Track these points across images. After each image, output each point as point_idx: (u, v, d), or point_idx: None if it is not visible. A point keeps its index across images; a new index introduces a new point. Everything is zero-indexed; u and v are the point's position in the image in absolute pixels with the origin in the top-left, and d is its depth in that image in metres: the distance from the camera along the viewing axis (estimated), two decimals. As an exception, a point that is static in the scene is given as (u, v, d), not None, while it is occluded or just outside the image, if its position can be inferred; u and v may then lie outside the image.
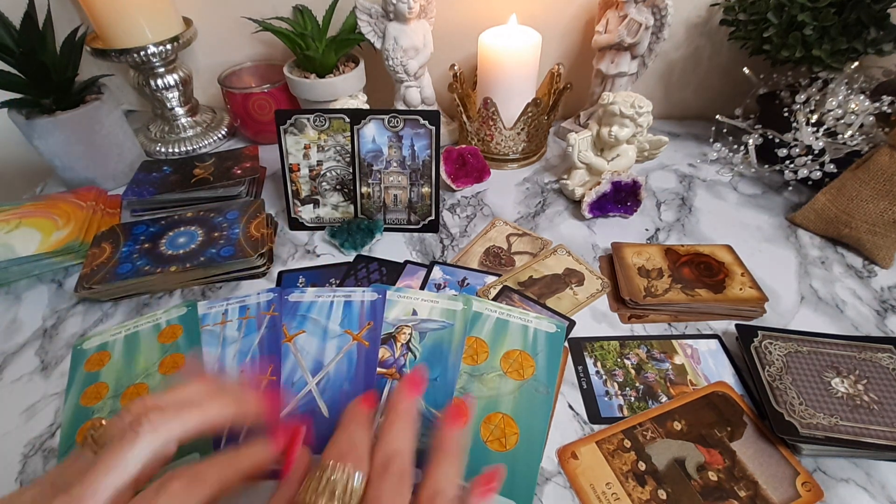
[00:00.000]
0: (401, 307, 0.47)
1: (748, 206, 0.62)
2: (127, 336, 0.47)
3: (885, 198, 0.51)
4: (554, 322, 0.45)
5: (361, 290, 0.49)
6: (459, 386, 0.42)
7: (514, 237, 0.59)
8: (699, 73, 0.76)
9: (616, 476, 0.37)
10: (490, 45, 0.63)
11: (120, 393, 0.43)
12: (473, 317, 0.46)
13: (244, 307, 0.48)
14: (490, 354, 0.44)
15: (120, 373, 0.44)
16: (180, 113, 0.77)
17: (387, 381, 0.42)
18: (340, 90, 0.68)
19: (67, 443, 0.40)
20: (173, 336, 0.46)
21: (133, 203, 0.64)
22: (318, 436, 0.38)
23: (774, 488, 0.36)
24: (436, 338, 0.45)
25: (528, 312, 0.47)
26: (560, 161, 0.72)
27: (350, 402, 0.34)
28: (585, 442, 0.39)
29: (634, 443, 0.39)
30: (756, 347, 0.43)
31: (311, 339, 0.45)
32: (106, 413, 0.42)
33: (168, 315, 0.48)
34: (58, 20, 0.62)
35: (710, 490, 0.36)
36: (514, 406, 0.40)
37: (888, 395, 0.39)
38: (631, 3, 0.61)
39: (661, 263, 0.53)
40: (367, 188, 0.59)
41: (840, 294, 0.51)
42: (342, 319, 0.47)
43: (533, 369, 0.42)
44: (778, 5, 0.58)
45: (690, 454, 0.38)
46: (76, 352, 0.46)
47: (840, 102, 0.57)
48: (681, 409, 0.41)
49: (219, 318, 0.48)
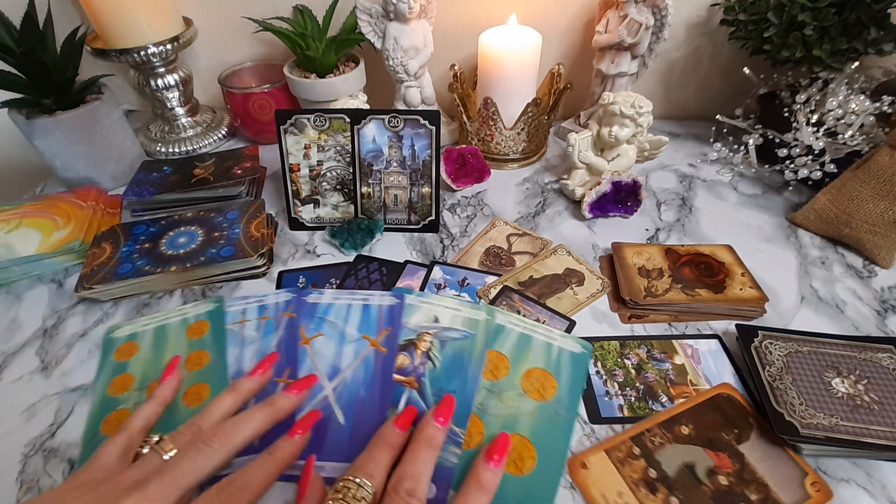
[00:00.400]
0: (423, 313, 0.46)
1: (748, 206, 0.62)
2: (156, 328, 0.47)
3: (886, 198, 0.51)
4: (579, 342, 0.44)
5: (380, 294, 0.48)
6: (478, 402, 0.40)
7: (515, 237, 0.59)
8: (699, 73, 0.76)
9: (627, 485, 0.36)
10: (490, 45, 0.63)
11: (145, 386, 0.43)
12: (496, 329, 0.44)
13: (262, 307, 0.48)
14: (511, 371, 0.42)
15: (147, 365, 0.45)
16: (180, 113, 0.77)
17: (404, 390, 0.41)
18: (340, 90, 0.68)
19: (92, 431, 0.41)
20: (200, 332, 0.47)
21: (133, 203, 0.64)
22: (333, 442, 0.38)
23: (784, 490, 0.36)
24: (456, 348, 0.44)
25: (554, 330, 0.45)
26: (560, 161, 0.72)
27: (385, 422, 0.37)
28: (594, 451, 0.38)
29: (643, 449, 0.38)
30: (756, 347, 0.43)
31: (328, 343, 0.45)
32: (131, 405, 0.42)
33: (197, 310, 0.49)
34: (58, 20, 0.62)
35: (722, 495, 0.36)
36: (532, 428, 0.39)
37: (888, 395, 0.39)
38: (631, 3, 0.61)
39: (661, 263, 0.53)
40: (367, 188, 0.59)
41: (840, 294, 0.51)
42: (360, 324, 0.46)
43: (555, 390, 0.41)
44: (778, 5, 0.58)
45: (700, 459, 0.38)
46: (107, 340, 0.47)
47: (840, 102, 0.57)
48: (687, 413, 0.41)
49: (237, 318, 0.48)
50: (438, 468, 0.36)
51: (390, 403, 0.41)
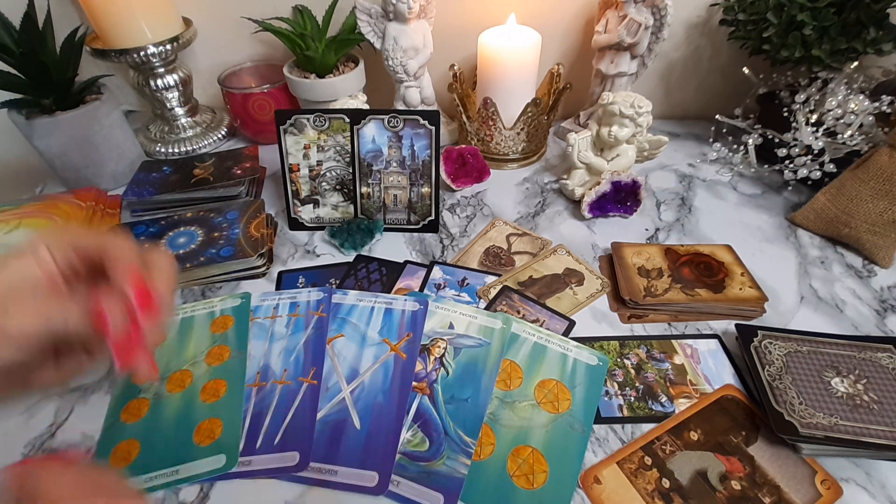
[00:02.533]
0: (438, 318, 0.46)
1: (748, 206, 0.62)
2: (183, 319, 0.48)
3: (885, 197, 0.51)
4: (596, 354, 0.43)
5: (403, 299, 0.48)
6: (490, 411, 0.40)
7: (514, 237, 0.59)
8: (699, 73, 0.76)
9: (642, 498, 0.36)
10: (490, 45, 0.63)
11: (167, 377, 0.44)
12: (510, 338, 0.44)
13: (294, 304, 0.49)
14: (524, 381, 0.42)
15: (170, 356, 0.45)
16: (180, 113, 0.77)
17: (416, 396, 0.41)
18: (340, 90, 0.68)
19: (112, 417, 0.42)
20: (224, 327, 0.47)
21: (133, 203, 0.64)
22: (349, 447, 0.38)
23: (796, 490, 0.36)
24: (471, 355, 0.43)
25: (569, 341, 0.44)
26: (560, 161, 0.72)
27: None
28: (606, 464, 0.38)
29: (655, 459, 0.38)
30: (756, 347, 0.43)
31: (349, 345, 0.45)
32: (150, 395, 0.43)
33: (223, 304, 0.49)
34: (58, 20, 0.62)
35: (736, 500, 0.36)
36: (545, 441, 0.38)
37: (888, 394, 0.39)
38: (630, 3, 0.61)
39: (660, 263, 0.53)
40: (366, 188, 0.59)
41: (840, 294, 0.51)
42: (381, 327, 0.46)
43: (569, 403, 0.40)
44: (777, 5, 0.58)
45: (711, 465, 0.38)
46: None
47: (840, 102, 0.57)
48: (695, 418, 0.41)
49: (270, 312, 0.48)
50: (447, 479, 0.36)
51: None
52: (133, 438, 0.40)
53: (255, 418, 0.41)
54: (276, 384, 0.43)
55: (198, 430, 0.40)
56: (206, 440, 0.40)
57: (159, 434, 0.40)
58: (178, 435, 0.40)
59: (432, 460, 0.38)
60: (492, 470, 0.37)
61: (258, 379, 0.43)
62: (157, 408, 0.42)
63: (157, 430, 0.41)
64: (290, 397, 0.42)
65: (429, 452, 0.38)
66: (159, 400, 0.42)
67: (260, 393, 0.42)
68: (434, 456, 0.38)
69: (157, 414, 0.42)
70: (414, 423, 0.40)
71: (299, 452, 0.38)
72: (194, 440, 0.40)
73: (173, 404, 0.42)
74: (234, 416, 0.41)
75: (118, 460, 0.39)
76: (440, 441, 0.39)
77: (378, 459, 0.38)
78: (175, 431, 0.40)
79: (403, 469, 0.37)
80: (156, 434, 0.40)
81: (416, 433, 0.39)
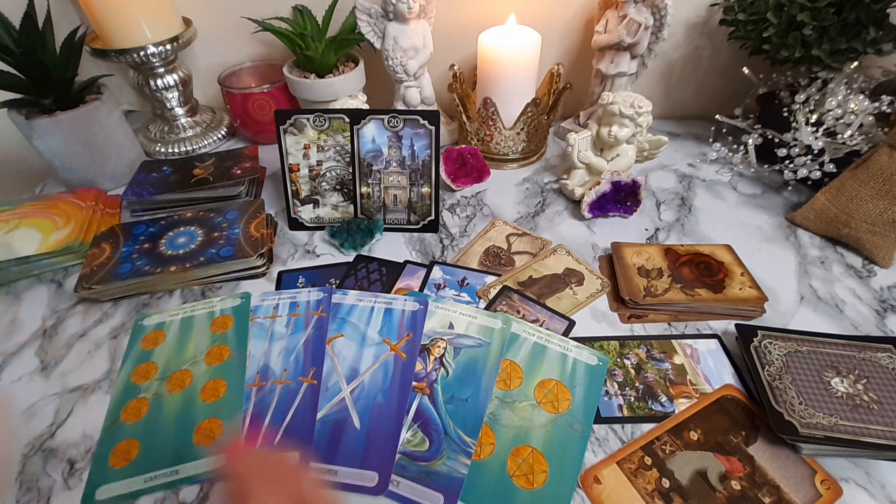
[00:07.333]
0: (437, 318, 0.46)
1: (748, 206, 0.62)
2: (183, 319, 0.48)
3: (885, 197, 0.51)
4: (596, 354, 0.44)
5: (403, 299, 0.48)
6: (490, 411, 0.40)
7: (514, 237, 0.59)
8: (699, 73, 0.76)
9: (642, 498, 0.36)
10: (490, 45, 0.63)
11: (167, 377, 0.44)
12: (510, 338, 0.44)
13: (294, 304, 0.49)
14: (524, 381, 0.42)
15: (170, 355, 0.46)
16: (180, 113, 0.77)
17: (416, 396, 0.41)
18: (340, 90, 0.68)
19: (113, 417, 0.42)
20: (224, 326, 0.47)
21: (133, 203, 0.64)
22: (348, 447, 0.38)
23: (796, 490, 0.36)
24: (471, 355, 0.43)
25: (569, 341, 0.44)
26: (560, 161, 0.72)
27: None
28: (606, 464, 0.38)
29: (655, 459, 0.38)
30: (756, 347, 0.43)
31: (349, 344, 0.45)
32: (150, 395, 0.43)
33: (223, 304, 0.49)
34: (58, 20, 0.62)
35: (736, 500, 0.36)
36: (545, 441, 0.38)
37: (888, 394, 0.39)
38: (630, 3, 0.61)
39: (660, 263, 0.53)
40: (366, 188, 0.59)
41: (840, 294, 0.51)
42: (381, 327, 0.46)
43: (569, 403, 0.40)
44: (777, 5, 0.58)
45: (711, 465, 0.38)
46: (137, 327, 0.48)
47: (839, 102, 0.57)
48: (695, 418, 0.41)
49: (269, 312, 0.48)
50: (447, 479, 0.36)
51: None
52: (133, 438, 0.40)
53: (255, 418, 0.41)
54: (276, 384, 0.43)
55: (198, 430, 0.40)
56: (206, 440, 0.40)
57: (159, 434, 0.40)
58: (178, 435, 0.40)
59: (432, 460, 0.38)
60: (492, 470, 0.37)
61: (258, 379, 0.43)
62: (157, 408, 0.42)
63: (157, 430, 0.40)
64: (290, 397, 0.42)
65: (429, 452, 0.38)
66: (159, 400, 0.42)
67: (260, 393, 0.42)
68: (434, 456, 0.38)
69: (157, 414, 0.41)
70: (414, 422, 0.40)
71: (299, 452, 0.38)
72: (194, 440, 0.40)
73: (173, 404, 0.42)
74: (234, 416, 0.41)
75: (118, 460, 0.39)
76: (440, 441, 0.39)
77: (378, 459, 0.38)
78: (175, 431, 0.40)
79: (403, 469, 0.37)
80: (156, 434, 0.40)
81: (416, 433, 0.39)
